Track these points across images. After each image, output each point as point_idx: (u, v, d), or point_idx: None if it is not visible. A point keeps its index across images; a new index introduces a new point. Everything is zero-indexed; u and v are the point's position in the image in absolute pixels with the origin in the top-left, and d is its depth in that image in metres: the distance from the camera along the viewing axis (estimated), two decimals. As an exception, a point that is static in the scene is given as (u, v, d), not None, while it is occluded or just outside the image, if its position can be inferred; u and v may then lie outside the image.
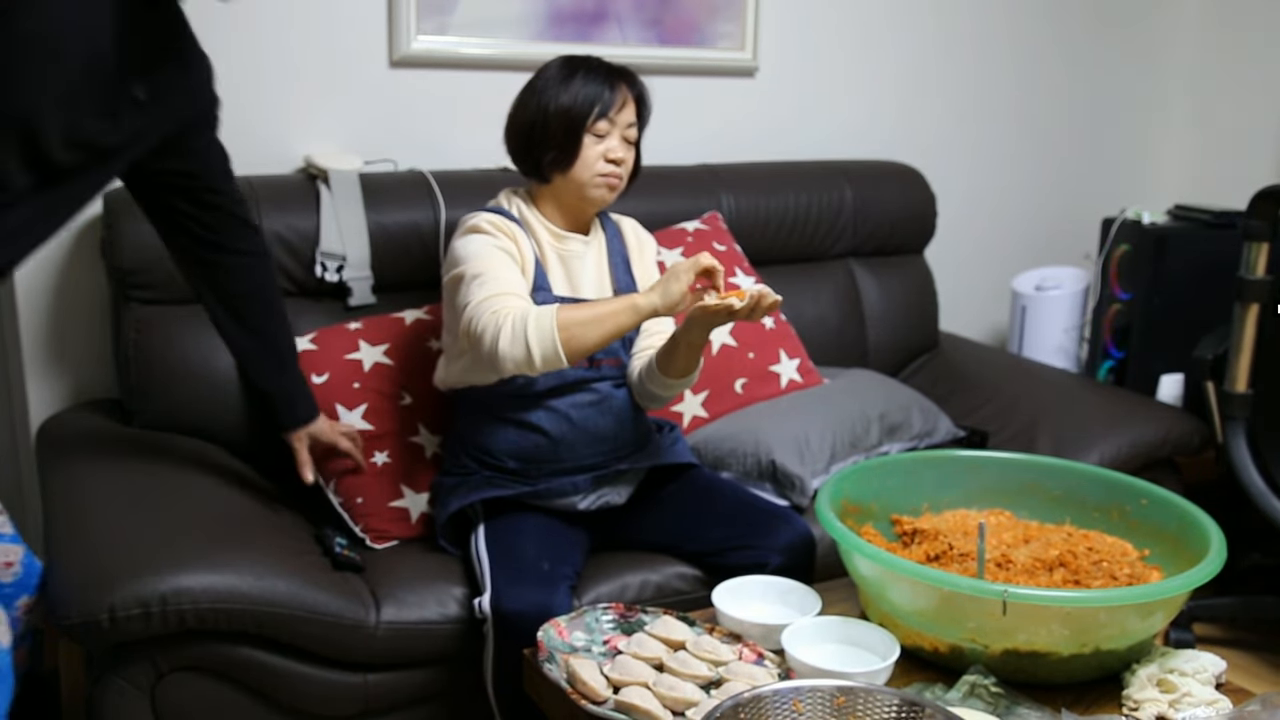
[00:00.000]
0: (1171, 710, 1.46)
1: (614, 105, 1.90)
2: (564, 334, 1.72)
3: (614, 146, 1.91)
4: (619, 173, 1.93)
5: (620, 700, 1.41)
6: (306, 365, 2.06)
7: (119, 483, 1.81)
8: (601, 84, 1.90)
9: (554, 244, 1.96)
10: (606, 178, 1.91)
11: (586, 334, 1.73)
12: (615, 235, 2.07)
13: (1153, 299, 2.78)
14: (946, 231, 3.03)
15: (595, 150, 1.90)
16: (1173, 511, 1.73)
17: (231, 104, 2.29)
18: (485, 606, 1.75)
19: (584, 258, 1.98)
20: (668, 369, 1.91)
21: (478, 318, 1.77)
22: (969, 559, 1.66)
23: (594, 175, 1.91)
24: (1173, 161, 3.53)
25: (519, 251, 1.89)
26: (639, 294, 1.76)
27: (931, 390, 2.66)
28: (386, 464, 2.02)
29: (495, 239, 1.88)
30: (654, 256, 2.12)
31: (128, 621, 1.54)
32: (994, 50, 3.18)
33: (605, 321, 1.73)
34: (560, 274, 1.96)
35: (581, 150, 1.89)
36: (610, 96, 1.90)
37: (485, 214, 1.92)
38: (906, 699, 1.28)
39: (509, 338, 1.73)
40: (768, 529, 1.89)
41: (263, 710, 1.73)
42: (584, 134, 1.89)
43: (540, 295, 1.89)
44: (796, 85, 2.91)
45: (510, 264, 1.86)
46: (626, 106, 1.92)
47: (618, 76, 1.93)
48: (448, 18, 2.44)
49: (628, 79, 1.94)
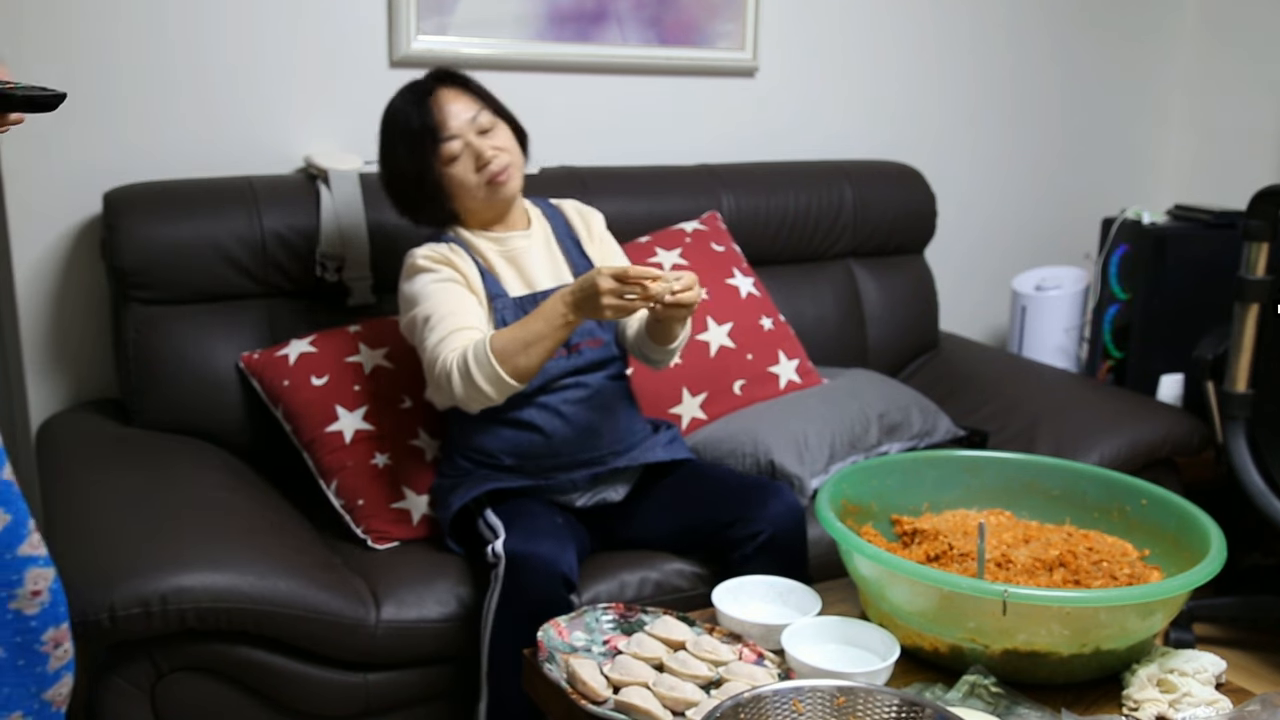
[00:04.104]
0: (1171, 710, 1.46)
1: (438, 126, 1.87)
2: (506, 365, 1.75)
3: (478, 149, 1.88)
4: (500, 163, 1.89)
5: (620, 700, 1.41)
6: (307, 368, 2.07)
7: (119, 483, 1.81)
8: (414, 118, 1.87)
9: (495, 248, 1.96)
10: (493, 180, 1.89)
11: (529, 356, 1.76)
12: (558, 219, 2.06)
13: (1153, 299, 2.78)
14: (946, 231, 3.03)
15: (463, 169, 1.89)
16: (1173, 511, 1.73)
17: (231, 104, 2.31)
18: (500, 548, 1.75)
19: (529, 251, 1.98)
20: (656, 338, 1.94)
21: (435, 366, 1.82)
22: (969, 559, 1.66)
23: (480, 186, 1.89)
24: (1173, 161, 3.53)
25: (462, 273, 1.90)
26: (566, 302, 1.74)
27: (931, 390, 2.66)
28: (387, 466, 2.02)
29: (436, 273, 1.89)
30: (603, 228, 2.11)
31: (128, 621, 1.54)
32: (994, 50, 3.18)
33: (543, 340, 1.76)
34: (511, 274, 1.96)
35: (449, 184, 1.89)
36: (428, 120, 1.86)
37: (422, 250, 1.92)
38: (906, 699, 1.28)
39: (460, 382, 1.78)
40: (755, 502, 1.90)
41: (263, 710, 1.73)
42: (441, 171, 1.88)
43: (499, 301, 1.91)
44: (796, 85, 2.91)
45: (456, 292, 1.88)
46: (451, 109, 1.89)
47: (421, 93, 1.89)
48: (448, 18, 2.44)
49: (434, 83, 1.91)
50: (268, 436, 2.11)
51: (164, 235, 2.08)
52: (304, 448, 2.05)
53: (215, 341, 2.13)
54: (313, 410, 2.04)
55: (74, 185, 2.19)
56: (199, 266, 2.10)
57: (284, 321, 2.18)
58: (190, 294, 2.12)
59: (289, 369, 2.07)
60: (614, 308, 1.70)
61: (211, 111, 2.29)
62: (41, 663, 1.43)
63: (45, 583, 1.41)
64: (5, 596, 1.38)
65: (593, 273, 1.71)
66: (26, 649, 1.41)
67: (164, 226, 2.08)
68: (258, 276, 2.16)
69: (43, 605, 1.41)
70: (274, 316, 2.18)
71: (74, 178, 2.18)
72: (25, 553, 1.39)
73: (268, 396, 2.09)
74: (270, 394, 2.09)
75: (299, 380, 2.06)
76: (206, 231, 2.11)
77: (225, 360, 2.12)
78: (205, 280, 2.12)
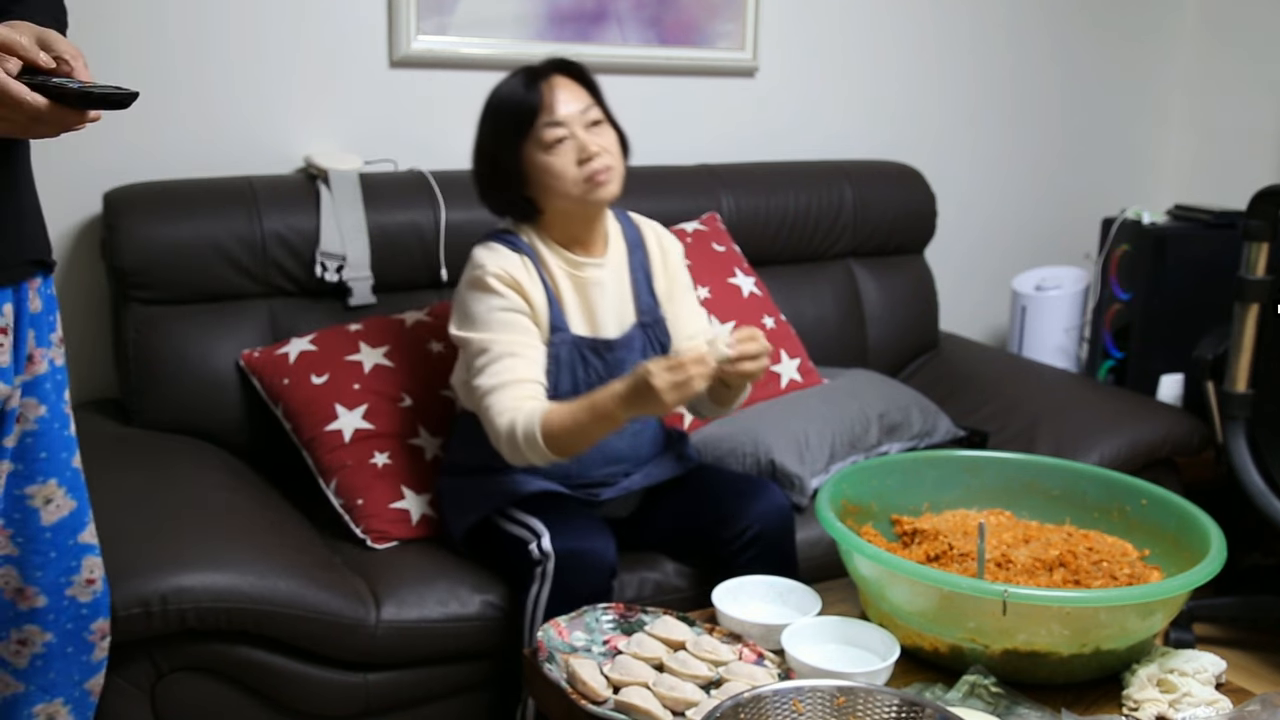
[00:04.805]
0: (1171, 710, 1.46)
1: (542, 105, 1.78)
2: (555, 449, 1.71)
3: (583, 143, 1.79)
4: (603, 164, 1.80)
5: (620, 700, 1.41)
6: (307, 366, 2.07)
7: (119, 483, 1.81)
8: (520, 96, 1.79)
9: (569, 271, 1.87)
10: (592, 178, 1.79)
11: (578, 445, 1.73)
12: (635, 242, 1.97)
13: (1153, 299, 2.78)
14: (946, 231, 3.03)
15: (563, 160, 1.79)
16: (1173, 511, 1.73)
17: (231, 104, 2.31)
18: (546, 544, 1.74)
19: (602, 284, 1.89)
20: (716, 399, 1.88)
21: (486, 415, 1.77)
22: (969, 559, 1.66)
23: (578, 183, 1.79)
24: (1173, 161, 3.53)
25: (530, 303, 1.81)
26: (619, 403, 1.65)
27: (931, 390, 2.66)
28: (387, 465, 2.02)
29: (503, 299, 1.79)
30: (679, 262, 2.01)
31: (128, 621, 1.54)
32: (994, 50, 3.18)
33: (594, 433, 1.71)
34: (577, 306, 1.88)
35: (543, 172, 1.79)
36: (534, 99, 1.78)
37: (494, 259, 1.81)
38: (906, 699, 1.28)
39: (507, 448, 1.75)
40: (743, 500, 1.89)
41: (263, 710, 1.73)
42: (535, 156, 1.79)
43: (559, 336, 1.83)
44: (796, 85, 2.91)
45: (519, 327, 1.79)
46: (562, 96, 1.80)
47: (535, 75, 1.81)
48: (448, 18, 2.44)
49: (550, 69, 1.82)
50: (267, 436, 2.11)
51: (164, 235, 2.08)
52: (304, 446, 2.05)
53: (215, 341, 2.13)
54: (312, 409, 2.04)
55: (74, 185, 2.19)
56: (199, 266, 2.10)
57: (284, 321, 2.18)
58: (190, 294, 2.12)
59: (289, 367, 2.07)
60: (677, 399, 1.61)
61: (211, 111, 2.29)
62: (88, 651, 1.46)
63: (99, 572, 1.46)
64: (64, 583, 1.40)
65: (642, 372, 1.62)
66: (76, 636, 1.44)
67: (164, 226, 2.08)
68: (258, 276, 2.16)
69: (95, 594, 1.45)
70: (274, 316, 2.18)
71: (74, 178, 2.18)
72: (84, 540, 1.43)
73: (268, 395, 2.09)
74: (270, 392, 2.09)
75: (299, 378, 2.06)
76: (206, 231, 2.11)
77: (225, 360, 2.12)
78: (205, 280, 2.12)
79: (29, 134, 1.17)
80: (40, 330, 1.34)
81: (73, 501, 1.41)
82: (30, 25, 1.16)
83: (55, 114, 1.12)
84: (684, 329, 1.97)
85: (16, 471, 1.35)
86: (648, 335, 1.93)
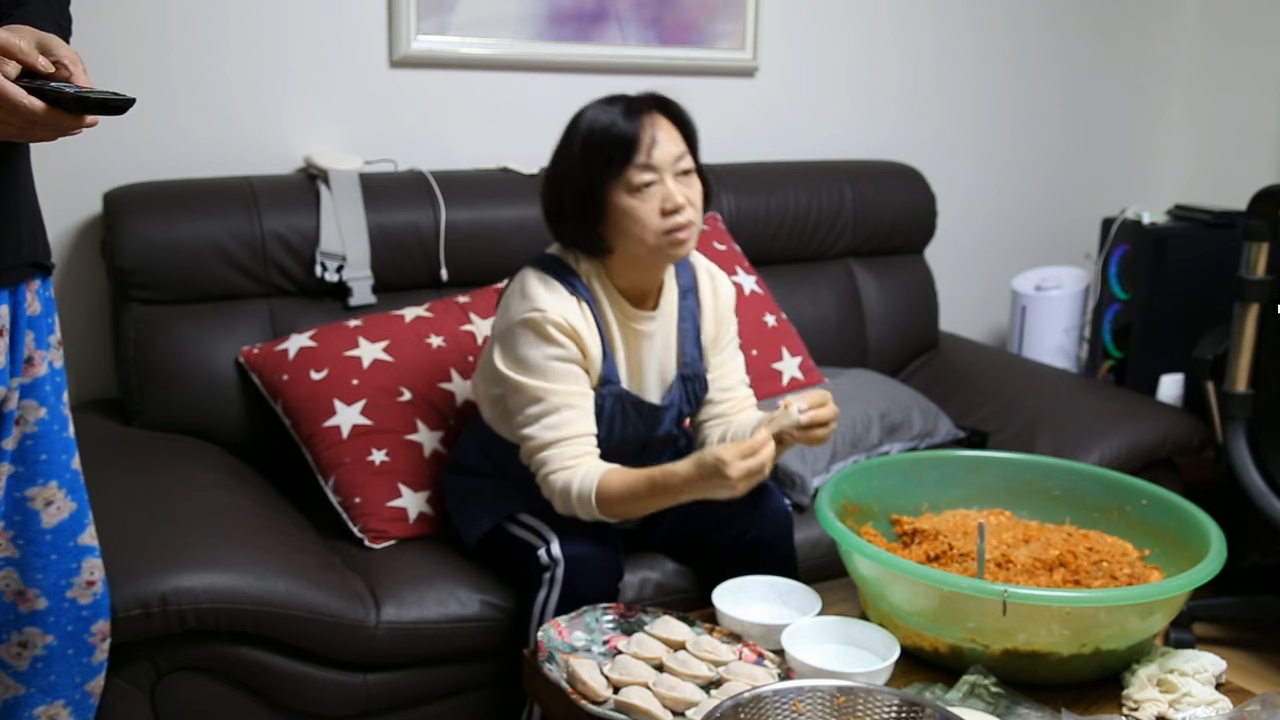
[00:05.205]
0: (1171, 710, 1.46)
1: (640, 144, 1.68)
2: (608, 514, 1.71)
3: (670, 193, 1.69)
4: (686, 219, 1.70)
5: (620, 700, 1.41)
6: (306, 362, 2.07)
7: (119, 483, 1.81)
8: (620, 127, 1.68)
9: (623, 322, 1.80)
10: (672, 233, 1.70)
11: (631, 511, 1.72)
12: (689, 289, 1.89)
13: (1153, 299, 2.78)
14: (946, 231, 3.03)
15: (647, 207, 1.69)
16: (1173, 511, 1.73)
17: (231, 104, 2.31)
18: (556, 549, 1.74)
19: (652, 336, 1.83)
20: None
21: (540, 468, 1.74)
22: (969, 559, 1.66)
23: (657, 234, 1.69)
24: (1173, 161, 3.53)
25: (587, 355, 1.75)
26: (682, 487, 1.63)
27: (931, 390, 2.66)
28: (385, 462, 2.02)
29: (561, 349, 1.71)
30: (729, 309, 1.94)
31: (128, 621, 1.54)
32: (994, 50, 3.18)
33: (650, 505, 1.70)
34: (625, 358, 1.82)
35: (621, 214, 1.69)
36: (633, 134, 1.67)
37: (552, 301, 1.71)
38: (906, 699, 1.28)
39: (559, 504, 1.73)
40: (743, 503, 1.85)
41: (263, 710, 1.73)
42: (619, 197, 1.69)
43: (608, 388, 1.78)
44: (796, 85, 2.91)
45: (574, 380, 1.73)
46: (661, 137, 1.70)
47: (636, 108, 1.71)
48: (448, 18, 2.44)
49: (650, 106, 1.73)
50: (267, 437, 2.11)
51: (164, 235, 2.08)
52: (303, 443, 2.05)
53: (215, 341, 2.13)
54: (311, 405, 2.04)
55: (74, 185, 2.19)
56: (199, 266, 2.10)
57: (284, 321, 2.18)
58: (190, 293, 2.12)
59: (288, 363, 2.07)
60: (749, 486, 1.59)
61: (211, 111, 2.29)
62: (89, 654, 1.47)
63: (99, 574, 1.46)
64: (65, 585, 1.41)
65: (714, 461, 1.58)
66: (77, 638, 1.44)
67: (164, 226, 2.08)
68: (258, 276, 2.16)
69: (95, 596, 1.46)
70: (274, 316, 2.18)
71: (74, 178, 2.18)
72: (85, 542, 1.43)
73: (267, 391, 2.09)
74: (270, 388, 2.09)
75: (298, 374, 2.06)
76: (206, 231, 2.11)
77: (225, 360, 2.12)
78: (205, 280, 2.12)
79: (26, 138, 1.17)
80: (39, 332, 1.35)
81: (73, 503, 1.41)
82: (30, 29, 1.16)
83: (52, 118, 1.13)
84: (722, 381, 1.93)
85: (17, 474, 1.35)
86: (686, 390, 1.89)
